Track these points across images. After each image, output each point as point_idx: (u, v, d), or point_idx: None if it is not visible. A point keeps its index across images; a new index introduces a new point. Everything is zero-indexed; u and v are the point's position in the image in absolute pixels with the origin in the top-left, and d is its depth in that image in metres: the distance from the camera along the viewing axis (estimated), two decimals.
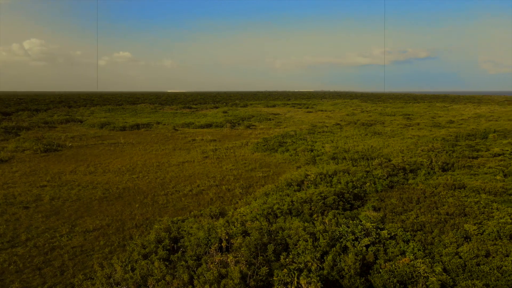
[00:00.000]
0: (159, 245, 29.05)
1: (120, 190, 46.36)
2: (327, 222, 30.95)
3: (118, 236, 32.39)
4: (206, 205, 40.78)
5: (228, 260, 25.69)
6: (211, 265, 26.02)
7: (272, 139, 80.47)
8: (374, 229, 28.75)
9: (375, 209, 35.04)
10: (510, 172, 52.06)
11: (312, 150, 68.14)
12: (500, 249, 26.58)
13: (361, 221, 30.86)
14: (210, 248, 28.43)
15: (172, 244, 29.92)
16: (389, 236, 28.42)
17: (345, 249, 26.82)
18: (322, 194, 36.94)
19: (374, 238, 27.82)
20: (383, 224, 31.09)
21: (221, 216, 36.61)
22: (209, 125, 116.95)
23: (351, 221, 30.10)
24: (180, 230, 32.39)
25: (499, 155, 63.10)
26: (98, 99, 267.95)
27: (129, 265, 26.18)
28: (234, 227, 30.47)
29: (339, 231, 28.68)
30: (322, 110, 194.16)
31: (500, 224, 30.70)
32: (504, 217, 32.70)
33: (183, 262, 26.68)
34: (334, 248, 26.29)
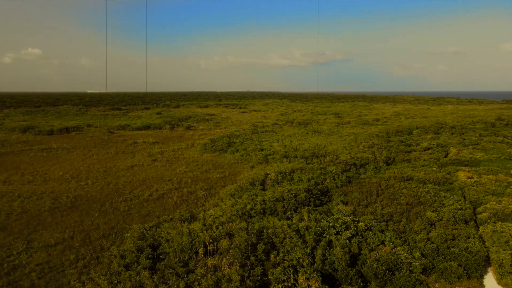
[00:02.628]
0: (140, 254, 27.51)
1: (71, 199, 42.73)
2: (306, 219, 31.90)
3: (87, 248, 29.95)
4: (172, 209, 39.44)
5: (222, 263, 25.30)
6: (201, 270, 25.41)
7: (220, 140, 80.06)
8: (352, 222, 30.40)
9: (344, 203, 36.95)
10: (442, 163, 58.25)
11: (262, 150, 69.24)
12: (462, 233, 29.82)
13: (335, 215, 32.37)
14: (197, 253, 27.70)
15: (152, 252, 28.52)
16: (366, 227, 30.24)
17: (330, 243, 27.96)
18: (293, 192, 37.93)
19: (353, 231, 29.41)
20: (355, 217, 32.94)
21: (193, 220, 35.75)
22: (147, 127, 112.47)
23: (331, 216, 31.43)
24: (156, 236, 30.95)
25: (429, 148, 70.18)
26: (10, 101, 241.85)
27: (114, 278, 24.43)
28: (216, 229, 29.98)
29: (321, 227, 29.79)
30: (255, 110, 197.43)
31: (453, 211, 34.36)
32: (453, 204, 36.64)
33: (171, 270, 25.62)
34: (321, 243, 27.28)
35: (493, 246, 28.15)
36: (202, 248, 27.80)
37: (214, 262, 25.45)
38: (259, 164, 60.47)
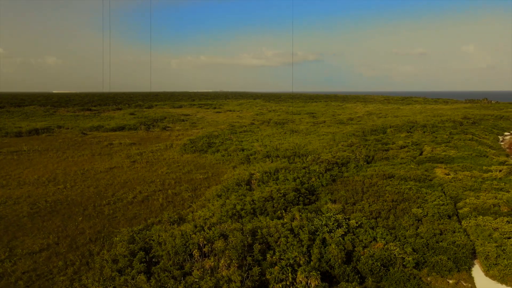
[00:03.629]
0: (133, 258, 26.83)
1: (51, 203, 41.09)
2: (298, 218, 32.14)
3: (74, 254, 28.90)
4: (159, 212, 38.71)
5: (220, 264, 25.08)
6: (198, 272, 25.10)
7: (199, 140, 79.30)
8: (344, 220, 30.91)
9: (332, 201, 37.51)
10: (419, 161, 60.25)
11: (243, 150, 69.17)
12: (447, 227, 30.97)
13: (326, 213, 32.80)
14: (191, 255, 27.31)
15: (145, 256, 27.87)
16: (357, 225, 30.84)
17: (323, 241, 28.31)
18: (281, 191, 38.13)
19: (345, 228, 29.90)
20: (344, 215, 33.51)
21: (181, 221, 35.25)
22: (121, 128, 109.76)
23: (323, 215, 31.81)
24: (147, 240, 30.27)
25: (404, 147, 72.39)
26: None
27: (108, 283, 23.70)
28: (210, 231, 29.69)
29: (314, 225, 30.11)
30: (230, 110, 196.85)
31: (436, 207, 35.63)
32: (435, 200, 38.00)
33: (167, 273, 25.15)
34: (316, 242, 27.58)
35: (477, 240, 29.44)
36: (196, 250, 27.46)
37: (212, 263, 25.18)
38: (241, 164, 60.36)
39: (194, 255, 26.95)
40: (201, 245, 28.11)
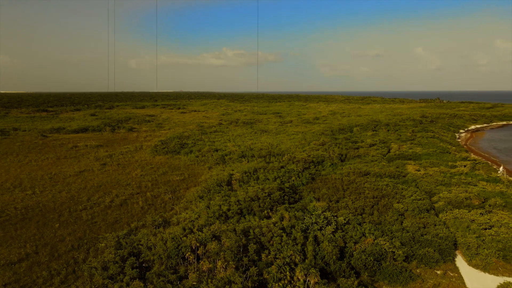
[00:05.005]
0: (124, 264, 25.84)
1: (21, 210, 38.64)
2: (287, 217, 32.36)
3: (58, 262, 27.37)
4: (140, 215, 37.56)
5: (218, 266, 24.73)
6: (194, 275, 24.63)
7: (171, 141, 77.65)
8: (333, 217, 31.51)
9: (316, 199, 38.09)
10: (389, 158, 62.60)
11: (217, 150, 68.61)
12: (429, 221, 32.43)
13: (315, 212, 33.29)
14: (184, 258, 26.70)
15: (136, 261, 26.92)
16: (345, 221, 31.55)
17: (315, 239, 28.72)
18: (266, 191, 38.23)
19: (334, 225, 30.51)
20: (330, 212, 34.17)
21: (167, 224, 34.42)
22: (84, 130, 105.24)
23: (314, 212, 32.22)
24: (135, 244, 29.27)
25: (373, 145, 74.94)
26: None
27: None
28: (201, 232, 29.21)
29: (304, 223, 30.46)
30: (195, 111, 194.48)
31: (414, 201, 37.22)
32: (412, 195, 39.68)
33: (162, 278, 24.45)
34: (310, 239, 27.92)
35: (457, 231, 31.08)
36: (189, 253, 26.93)
37: (209, 265, 24.79)
38: (217, 165, 59.88)
39: (188, 258, 26.40)
40: (193, 247, 27.62)
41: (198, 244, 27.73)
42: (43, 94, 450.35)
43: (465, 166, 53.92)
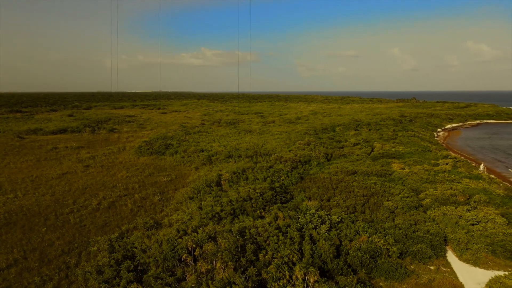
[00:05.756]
0: (119, 267, 25.29)
1: (4, 214, 37.25)
2: (281, 216, 32.44)
3: (49, 268, 26.53)
4: (130, 217, 36.87)
5: (217, 267, 24.54)
6: (192, 277, 24.37)
7: (155, 142, 76.51)
8: (326, 216, 31.80)
9: (308, 199, 38.35)
10: (374, 157, 63.70)
11: (203, 151, 68.11)
12: (418, 218, 33.19)
13: (308, 211, 33.50)
14: (180, 259, 26.36)
15: (131, 264, 26.38)
16: (338, 220, 31.89)
17: (311, 237, 28.92)
18: (257, 191, 38.20)
19: (329, 224, 30.80)
20: (325, 211, 34.48)
21: (159, 226, 33.92)
22: (63, 131, 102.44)
23: (308, 211, 32.41)
24: (128, 247, 28.69)
25: (357, 144, 76.08)
26: None
27: None
28: (197, 234, 28.92)
29: (299, 222, 30.61)
30: (176, 111, 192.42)
31: (403, 199, 38.01)
32: (400, 193, 40.51)
33: (160, 281, 24.05)
34: (306, 238, 28.08)
35: (447, 228, 31.93)
36: (186, 254, 26.63)
37: (208, 266, 24.58)
38: (203, 165, 59.49)
39: (186, 259, 26.10)
40: (190, 249, 27.33)
41: (194, 246, 27.45)
42: (15, 94, 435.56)
43: (447, 164, 55.48)
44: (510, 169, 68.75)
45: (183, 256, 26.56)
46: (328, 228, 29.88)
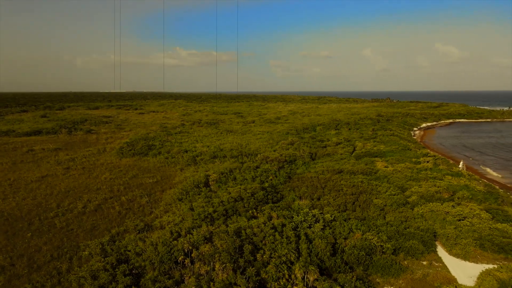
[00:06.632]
0: (116, 272, 24.64)
1: None
2: (274, 216, 32.48)
3: (40, 274, 25.55)
4: (119, 220, 36.01)
5: (216, 268, 24.30)
6: (192, 279, 24.05)
7: (137, 143, 75.05)
8: (320, 215, 32.09)
9: (299, 198, 38.56)
10: (357, 155, 64.79)
11: (186, 151, 67.36)
12: (408, 214, 34.00)
13: (302, 211, 33.69)
14: (177, 262, 25.95)
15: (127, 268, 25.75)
16: (332, 218, 32.24)
17: (306, 236, 29.10)
18: (248, 191, 38.12)
19: (322, 222, 31.09)
20: (318, 210, 34.74)
21: (150, 229, 33.28)
22: (38, 132, 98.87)
23: (301, 211, 32.57)
24: (122, 251, 28.00)
25: (339, 143, 77.19)
26: None
27: None
28: (192, 235, 28.54)
29: (293, 222, 30.74)
30: (153, 111, 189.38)
31: (390, 197, 38.85)
32: (387, 191, 41.37)
33: (158, 284, 23.59)
34: (302, 237, 28.23)
35: (435, 223, 32.86)
36: (183, 256, 26.26)
37: (207, 268, 24.31)
38: (188, 166, 58.86)
39: (183, 262, 25.73)
40: (186, 251, 26.97)
41: (190, 247, 27.13)
42: None
43: (428, 162, 57.11)
44: (481, 166, 71.56)
45: (180, 258, 26.21)
46: (322, 227, 30.17)
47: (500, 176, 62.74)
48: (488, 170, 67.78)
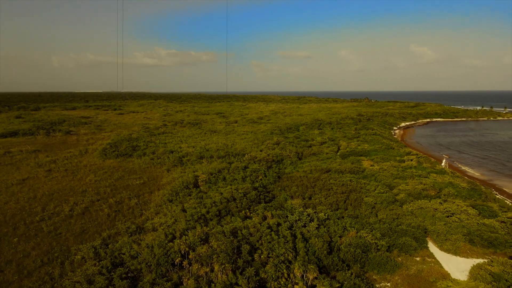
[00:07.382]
0: (112, 276, 24.08)
1: None
2: (269, 216, 32.49)
3: (31, 280, 24.69)
4: (109, 223, 35.23)
5: (216, 269, 24.08)
6: (191, 281, 23.77)
7: (121, 144, 73.58)
8: (314, 214, 32.31)
9: (290, 197, 38.70)
10: (343, 155, 65.60)
11: (172, 152, 66.57)
12: (399, 212, 34.65)
13: (287, 209, 33.85)
14: (174, 264, 25.59)
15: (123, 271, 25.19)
16: (325, 217, 32.52)
17: (302, 235, 29.25)
18: (240, 191, 38.00)
19: (317, 221, 31.32)
20: (311, 209, 34.94)
21: (142, 231, 32.71)
22: (13, 133, 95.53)
23: (295, 210, 32.69)
24: (116, 254, 27.38)
25: (324, 143, 77.97)
26: None
27: None
28: (188, 237, 28.21)
29: (288, 221, 30.84)
30: (133, 112, 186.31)
31: (379, 195, 39.53)
32: (375, 189, 42.08)
33: (156, 287, 23.20)
34: (298, 237, 28.36)
35: (425, 220, 33.64)
36: (180, 258, 25.94)
37: (206, 269, 24.08)
38: (175, 167, 58.17)
39: (181, 263, 25.41)
40: (183, 252, 26.65)
41: (187, 249, 26.84)
42: None
43: (411, 160, 58.42)
44: (458, 164, 73.78)
45: (177, 260, 25.88)
46: (317, 226, 30.40)
47: (478, 174, 64.84)
48: (467, 168, 69.93)
